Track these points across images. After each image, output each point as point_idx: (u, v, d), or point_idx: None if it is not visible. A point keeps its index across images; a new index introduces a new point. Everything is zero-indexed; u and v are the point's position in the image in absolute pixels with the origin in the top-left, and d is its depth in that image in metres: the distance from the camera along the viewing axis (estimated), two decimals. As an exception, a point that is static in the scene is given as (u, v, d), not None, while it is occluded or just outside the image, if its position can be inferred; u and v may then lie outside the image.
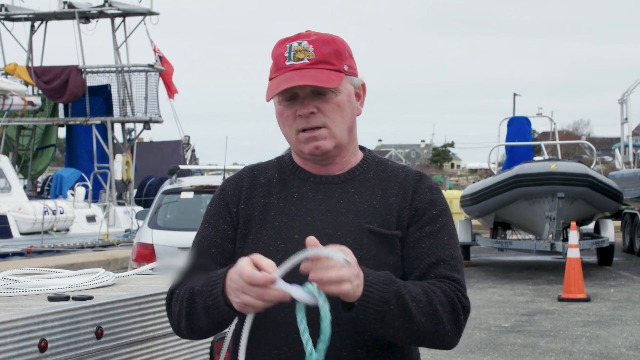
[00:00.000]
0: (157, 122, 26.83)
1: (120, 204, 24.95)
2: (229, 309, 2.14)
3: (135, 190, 26.41)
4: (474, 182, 20.73)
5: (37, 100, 25.42)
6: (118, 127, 27.17)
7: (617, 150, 24.06)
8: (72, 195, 23.04)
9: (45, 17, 27.94)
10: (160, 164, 28.54)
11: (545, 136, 46.78)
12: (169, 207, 9.89)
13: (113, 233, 21.25)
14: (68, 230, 21.18)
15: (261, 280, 2.04)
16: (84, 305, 2.90)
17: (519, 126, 21.25)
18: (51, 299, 2.98)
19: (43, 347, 2.69)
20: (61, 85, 26.13)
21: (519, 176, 15.52)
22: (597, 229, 18.11)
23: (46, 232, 19.89)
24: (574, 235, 13.38)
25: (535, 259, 19.52)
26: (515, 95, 49.33)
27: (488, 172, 21.71)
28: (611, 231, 17.41)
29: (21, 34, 28.75)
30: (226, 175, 9.96)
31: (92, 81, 26.82)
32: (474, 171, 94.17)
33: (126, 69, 26.68)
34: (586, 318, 11.15)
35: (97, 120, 26.40)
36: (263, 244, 2.30)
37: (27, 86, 25.82)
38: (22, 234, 19.83)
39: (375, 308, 2.09)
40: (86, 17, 27.21)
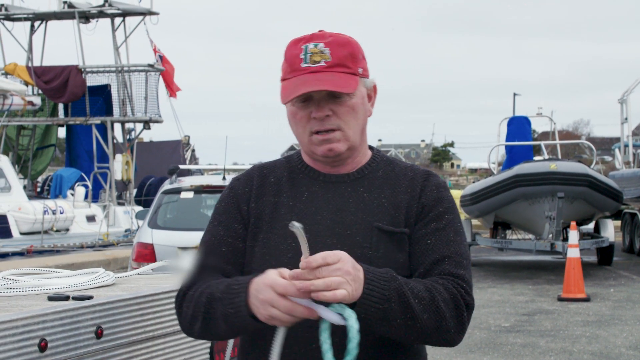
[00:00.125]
0: (157, 122, 26.84)
1: (120, 204, 24.95)
2: (251, 319, 2.12)
3: (135, 190, 26.41)
4: (474, 182, 20.74)
5: (37, 100, 25.42)
6: (118, 127, 27.18)
7: (617, 150, 24.06)
8: (72, 195, 23.04)
9: (45, 17, 27.94)
10: (160, 164, 28.54)
11: (545, 136, 46.79)
12: (168, 207, 9.89)
13: (113, 233, 21.25)
14: (68, 230, 21.18)
15: (296, 292, 2.04)
16: (84, 305, 2.90)
17: (519, 126, 21.26)
18: (51, 298, 2.98)
19: (43, 347, 2.69)
20: (61, 85, 26.12)
21: (519, 176, 15.52)
22: (597, 228, 18.12)
23: (46, 232, 19.89)
24: (573, 235, 13.38)
25: (535, 258, 19.52)
26: (515, 95, 49.33)
27: (488, 172, 21.72)
28: (611, 231, 17.42)
29: (21, 34, 28.80)
30: (226, 175, 9.97)
31: (92, 81, 26.82)
32: (474, 171, 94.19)
33: (126, 68, 26.68)
34: (586, 318, 11.15)
35: (97, 120, 26.40)
36: (274, 242, 2.30)
37: (27, 86, 25.82)
38: (22, 233, 19.83)
39: (377, 306, 2.09)
40: (86, 17, 27.21)
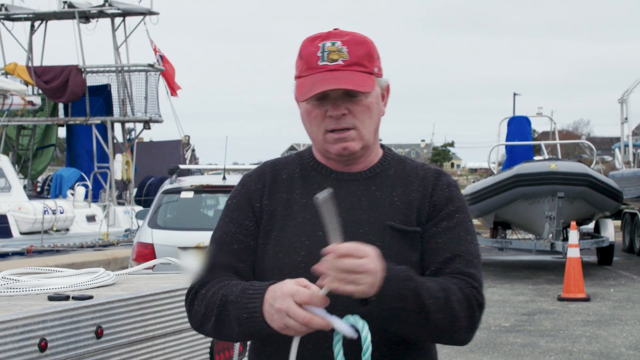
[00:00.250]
0: (157, 121, 26.82)
1: (120, 204, 24.94)
2: (265, 325, 2.12)
3: (135, 190, 26.40)
4: (474, 182, 20.73)
5: (37, 100, 25.41)
6: (118, 126, 27.16)
7: (617, 150, 24.04)
8: (72, 195, 23.03)
9: (45, 17, 27.92)
10: (160, 164, 28.51)
11: (545, 136, 46.77)
12: (169, 206, 9.89)
13: (113, 233, 21.24)
14: (68, 230, 21.17)
15: (317, 301, 2.04)
16: (84, 305, 2.90)
17: (519, 126, 21.25)
18: (51, 298, 2.98)
19: (43, 346, 2.68)
20: (61, 85, 26.11)
21: (519, 176, 15.52)
22: (597, 228, 18.11)
23: (46, 232, 19.88)
24: (573, 235, 13.37)
25: (535, 258, 19.52)
26: (515, 94, 49.32)
27: (488, 172, 21.71)
28: (611, 231, 17.41)
29: (21, 34, 28.74)
30: (226, 175, 9.97)
31: (92, 81, 26.80)
32: (474, 171, 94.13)
33: (126, 68, 26.67)
34: (586, 318, 11.15)
35: (97, 120, 26.39)
36: (287, 240, 2.29)
37: (27, 86, 25.80)
38: (22, 233, 19.82)
39: (391, 305, 2.10)
40: (86, 16, 27.19)
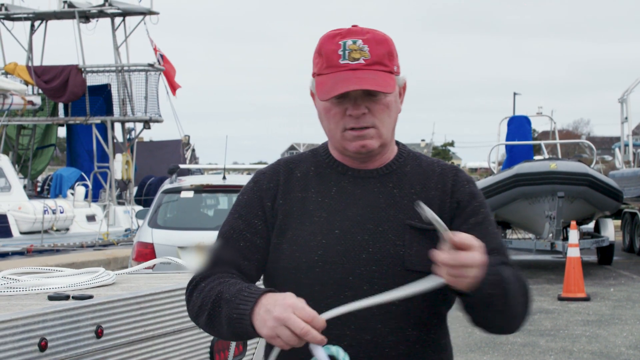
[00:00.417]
0: (157, 121, 26.82)
1: (120, 204, 24.94)
2: (253, 330, 2.11)
3: (135, 190, 26.40)
4: (474, 182, 20.66)
5: (37, 100, 25.41)
6: (118, 126, 27.17)
7: (617, 150, 24.04)
8: (72, 194, 23.02)
9: (45, 17, 27.92)
10: (160, 164, 28.50)
11: (545, 135, 46.78)
12: (169, 206, 9.89)
13: (113, 232, 21.23)
14: (68, 229, 21.16)
15: (321, 325, 2.03)
16: (84, 305, 2.90)
17: (519, 125, 21.24)
18: (51, 298, 2.98)
19: (43, 346, 2.68)
20: (61, 85, 26.11)
21: (519, 175, 15.51)
22: (597, 228, 18.11)
23: (46, 232, 19.88)
24: (574, 235, 13.37)
25: (535, 258, 19.51)
26: (515, 94, 49.38)
27: (488, 172, 21.72)
28: (611, 230, 17.41)
29: (21, 34, 28.75)
30: (226, 175, 9.97)
31: (92, 81, 26.80)
32: (474, 170, 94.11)
33: (126, 68, 26.67)
34: (586, 317, 11.15)
35: (97, 120, 26.39)
36: (303, 239, 2.27)
37: (27, 85, 25.80)
38: (22, 233, 19.82)
39: (486, 293, 2.11)
40: (86, 16, 27.19)
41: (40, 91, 26.46)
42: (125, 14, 27.42)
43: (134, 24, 27.57)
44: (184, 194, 9.84)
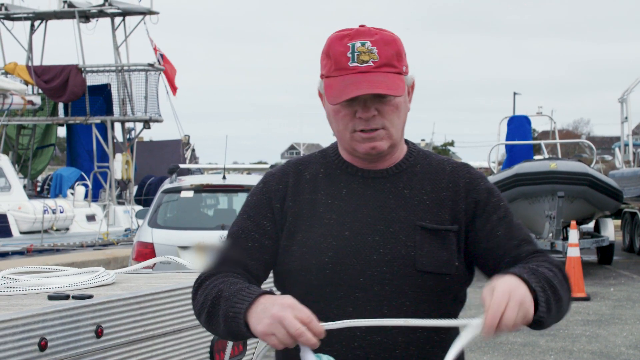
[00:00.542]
0: (157, 121, 26.82)
1: (120, 203, 24.93)
2: (246, 329, 2.10)
3: (135, 190, 26.40)
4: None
5: (37, 100, 25.40)
6: (118, 126, 27.16)
7: (617, 149, 24.04)
8: (72, 194, 23.01)
9: (45, 17, 27.91)
10: (160, 163, 28.49)
11: (545, 135, 46.76)
12: (169, 206, 9.89)
13: (113, 232, 21.22)
14: (68, 229, 21.16)
15: (318, 330, 2.02)
16: (84, 304, 2.90)
17: (519, 125, 21.24)
18: (51, 297, 2.98)
19: (43, 346, 2.68)
20: (61, 85, 26.10)
21: (519, 175, 15.51)
22: (597, 228, 18.10)
23: (46, 231, 19.88)
24: (574, 234, 13.37)
25: (535, 258, 19.50)
26: (515, 94, 49.40)
27: (488, 171, 21.70)
28: (611, 230, 17.41)
29: (21, 33, 28.73)
30: (226, 175, 9.97)
31: (92, 80, 26.79)
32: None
33: (126, 68, 26.67)
34: (586, 317, 11.15)
35: (97, 120, 26.38)
36: (313, 241, 2.26)
37: (27, 85, 25.79)
38: (22, 233, 19.81)
39: (548, 302, 2.10)
40: (86, 16, 27.18)
41: (40, 91, 26.46)
42: (125, 13, 27.41)
43: (134, 23, 27.60)
44: (184, 194, 9.84)
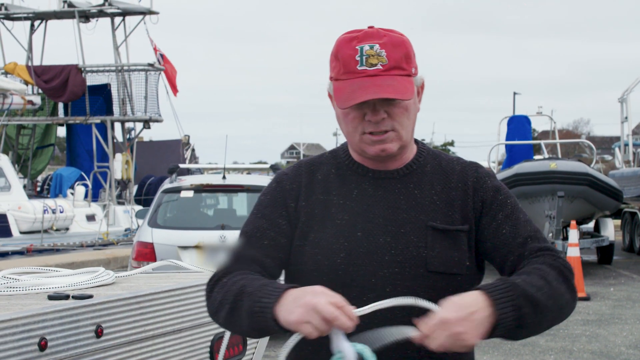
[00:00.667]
0: (157, 121, 26.83)
1: (120, 203, 24.94)
2: (273, 322, 2.10)
3: (135, 189, 26.40)
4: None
5: (37, 100, 25.41)
6: (118, 126, 27.17)
7: (617, 149, 24.04)
8: (72, 194, 23.02)
9: (45, 16, 27.93)
10: (160, 163, 28.50)
11: (545, 135, 46.78)
12: (168, 206, 9.89)
13: (113, 232, 21.23)
14: (68, 229, 21.16)
15: (351, 314, 2.03)
16: (84, 304, 2.90)
17: (518, 125, 21.25)
18: (51, 297, 2.98)
19: (43, 345, 2.68)
20: (61, 85, 26.11)
21: (518, 175, 15.51)
22: (597, 227, 18.10)
23: (46, 231, 19.88)
24: (573, 234, 13.37)
25: (535, 257, 19.50)
26: (515, 94, 49.41)
27: (488, 171, 21.67)
28: (611, 230, 17.40)
29: (21, 33, 28.76)
30: (226, 175, 9.97)
31: (92, 80, 26.81)
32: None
33: (126, 68, 26.68)
34: (586, 317, 11.15)
35: (97, 120, 26.39)
36: (325, 242, 2.27)
37: (27, 85, 25.81)
38: (21, 232, 19.82)
39: (512, 319, 2.09)
40: (86, 16, 27.19)
41: (40, 91, 26.47)
42: (125, 13, 27.42)
43: (133, 23, 27.62)
44: (183, 194, 9.84)
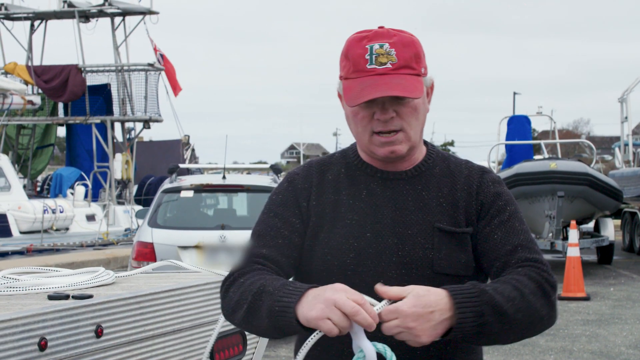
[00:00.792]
0: (156, 121, 26.83)
1: (119, 203, 24.93)
2: (295, 322, 2.09)
3: (135, 189, 26.40)
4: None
5: (37, 100, 25.41)
6: (118, 126, 27.17)
7: (617, 149, 24.05)
8: (72, 194, 23.02)
9: (45, 16, 27.92)
10: (160, 163, 28.50)
11: (545, 135, 46.75)
12: (168, 205, 9.89)
13: (113, 232, 21.23)
14: (68, 229, 21.16)
15: (372, 311, 2.03)
16: (84, 304, 2.90)
17: (518, 125, 21.25)
18: (51, 297, 2.98)
19: (43, 345, 2.68)
20: (61, 85, 26.11)
21: (518, 175, 15.51)
22: (597, 227, 18.10)
23: (46, 231, 19.88)
24: (573, 234, 13.37)
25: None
26: (515, 94, 49.38)
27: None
28: (611, 230, 17.40)
29: (21, 33, 28.75)
30: (226, 175, 9.97)
31: (91, 80, 26.81)
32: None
33: (126, 68, 26.67)
34: (586, 317, 11.15)
35: (96, 120, 26.39)
36: (335, 242, 2.28)
37: (27, 85, 25.80)
38: (21, 232, 19.81)
39: (472, 325, 2.09)
40: (86, 16, 27.19)
41: (40, 91, 26.47)
42: (125, 13, 27.42)
43: (133, 23, 27.61)
44: (183, 194, 9.84)
